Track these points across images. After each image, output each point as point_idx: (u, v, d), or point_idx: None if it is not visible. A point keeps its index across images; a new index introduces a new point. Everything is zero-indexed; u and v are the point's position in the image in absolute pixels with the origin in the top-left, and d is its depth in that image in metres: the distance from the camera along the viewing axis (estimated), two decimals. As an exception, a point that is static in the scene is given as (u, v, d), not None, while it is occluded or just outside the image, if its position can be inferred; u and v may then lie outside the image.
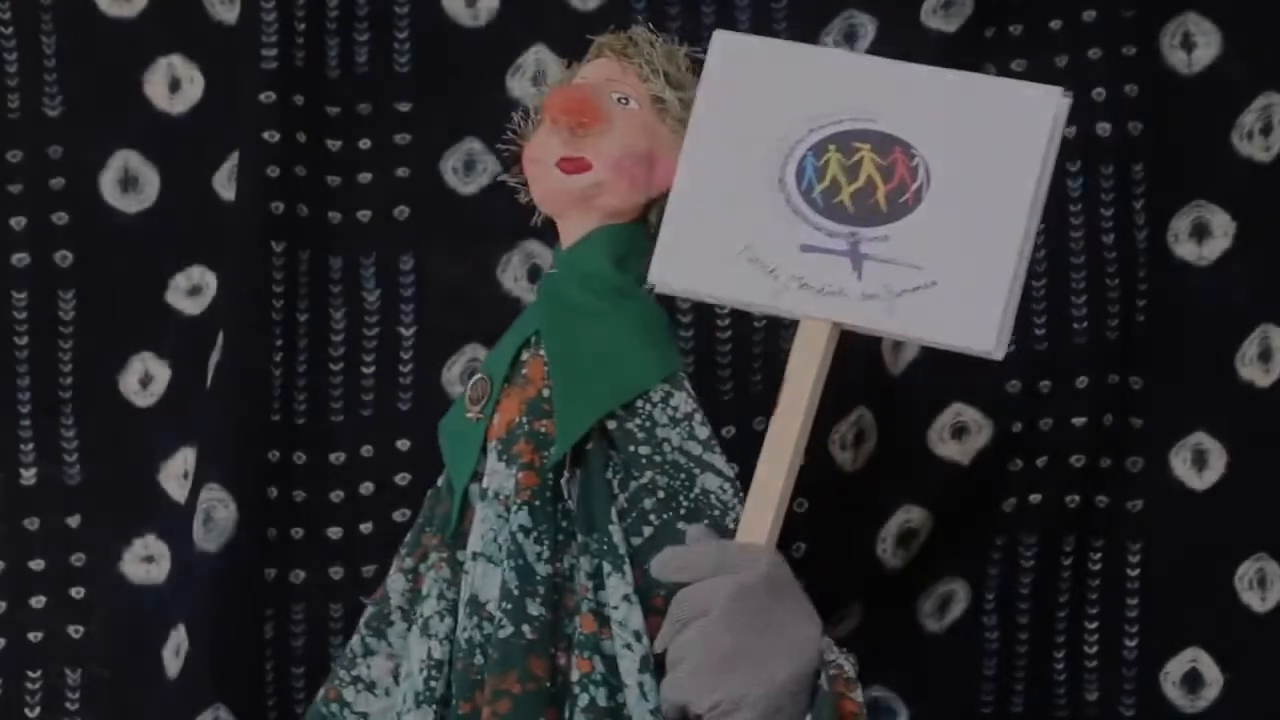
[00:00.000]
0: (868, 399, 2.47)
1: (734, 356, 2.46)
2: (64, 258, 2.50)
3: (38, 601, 2.49)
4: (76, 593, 2.49)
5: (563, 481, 2.02)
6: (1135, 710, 2.51)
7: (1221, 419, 2.52)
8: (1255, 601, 2.51)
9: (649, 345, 2.04)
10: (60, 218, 2.50)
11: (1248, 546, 2.51)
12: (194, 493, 2.40)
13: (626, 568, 1.97)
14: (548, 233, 2.20)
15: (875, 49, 2.44)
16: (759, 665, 1.57)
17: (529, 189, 2.12)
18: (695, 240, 1.68)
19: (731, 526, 1.95)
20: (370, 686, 2.09)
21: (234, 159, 2.47)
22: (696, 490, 1.99)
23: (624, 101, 2.08)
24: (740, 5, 2.47)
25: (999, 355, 1.64)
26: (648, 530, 1.99)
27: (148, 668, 2.45)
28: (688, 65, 2.14)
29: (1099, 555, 2.52)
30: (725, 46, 1.72)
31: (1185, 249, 2.51)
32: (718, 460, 2.02)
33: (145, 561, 2.50)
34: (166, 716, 2.41)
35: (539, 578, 1.98)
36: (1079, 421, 2.50)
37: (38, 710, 2.47)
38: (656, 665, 1.92)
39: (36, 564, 2.49)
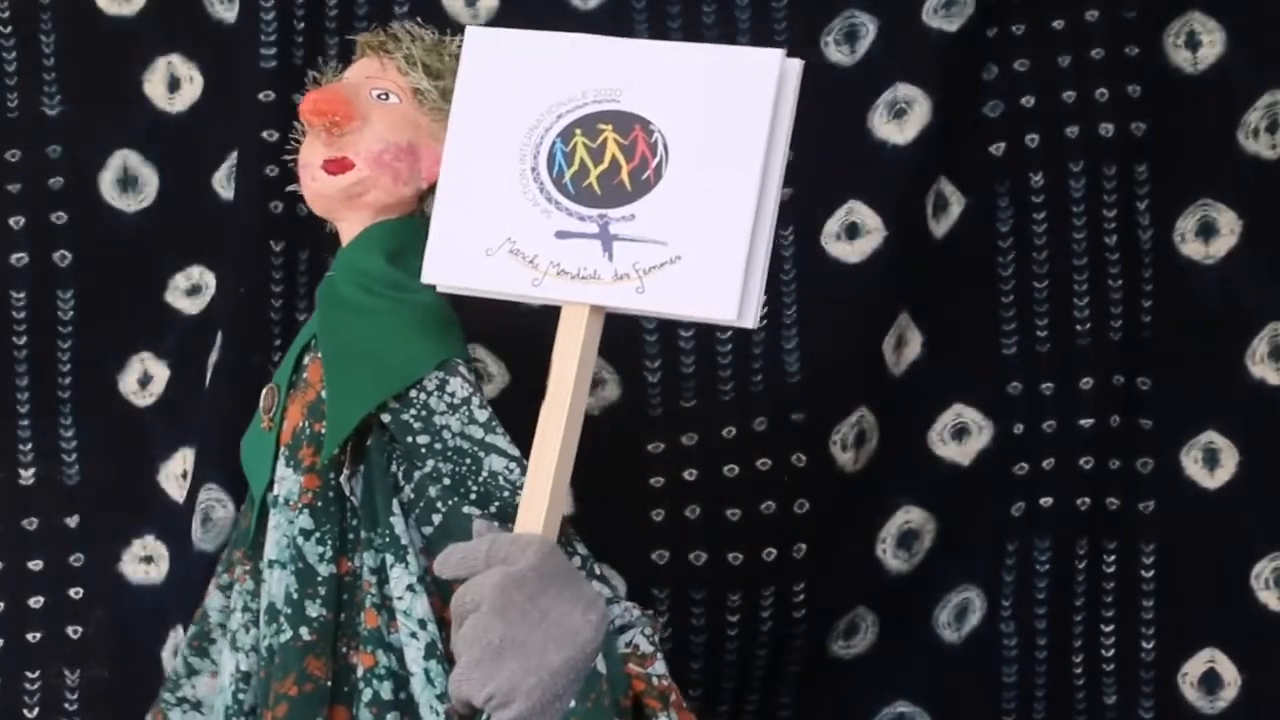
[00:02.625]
0: (869, 400, 2.46)
1: (734, 357, 2.45)
2: (63, 257, 2.50)
3: (36, 602, 2.49)
4: (75, 593, 2.50)
5: (342, 480, 2.01)
6: (1154, 713, 2.51)
7: (1232, 418, 2.52)
8: (1273, 600, 2.50)
9: (420, 336, 2.03)
10: (59, 217, 2.51)
11: (1263, 545, 2.51)
12: (192, 493, 2.40)
13: (410, 558, 1.97)
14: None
15: (876, 49, 2.44)
16: (531, 654, 1.57)
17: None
18: (461, 236, 1.68)
19: None
20: (196, 706, 2.09)
21: (233, 159, 2.47)
22: (484, 474, 1.99)
23: (384, 97, 2.08)
24: (740, 5, 2.46)
25: (748, 323, 1.63)
26: (437, 518, 1.99)
27: (146, 668, 2.46)
28: (458, 55, 2.14)
29: (1113, 558, 2.52)
30: (476, 42, 1.72)
31: (1192, 248, 2.50)
32: (501, 441, 2.01)
33: (144, 562, 2.50)
34: (164, 716, 2.41)
35: (320, 579, 1.99)
36: (1086, 423, 2.49)
37: (36, 711, 2.48)
38: (445, 652, 1.93)
39: (35, 564, 2.50)
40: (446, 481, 1.99)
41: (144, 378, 2.51)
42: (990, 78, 2.48)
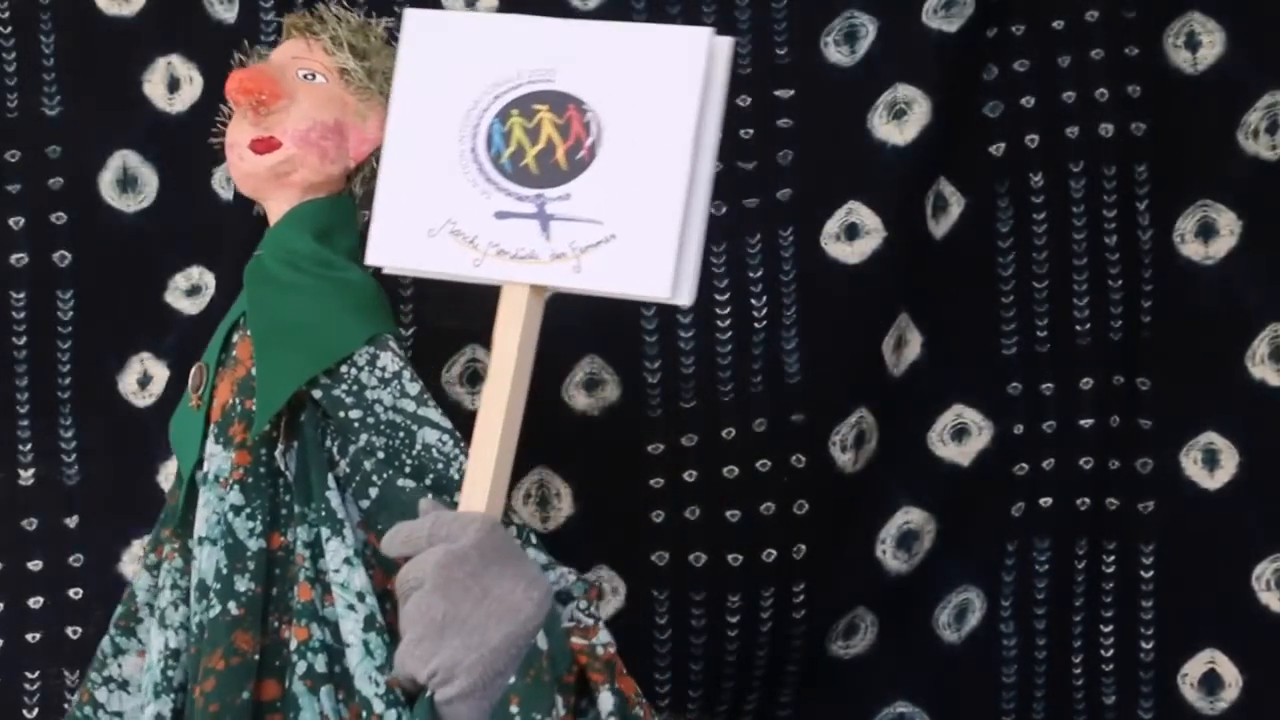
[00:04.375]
0: (868, 400, 2.46)
1: (734, 358, 2.45)
2: (63, 258, 2.50)
3: (36, 602, 2.49)
4: (75, 593, 2.49)
5: (277, 454, 2.02)
6: (1154, 713, 2.51)
7: (1232, 418, 2.51)
8: (1273, 601, 2.50)
9: (349, 311, 2.04)
10: (59, 218, 2.50)
11: (1264, 546, 2.51)
12: (192, 493, 2.40)
13: (346, 531, 1.97)
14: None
15: (876, 49, 2.44)
16: (472, 631, 1.59)
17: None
18: (403, 217, 1.69)
19: (457, 477, 1.97)
20: (123, 685, 2.08)
21: (233, 159, 2.47)
22: (418, 446, 1.99)
23: (310, 77, 2.09)
24: (740, 5, 2.46)
25: (684, 301, 1.64)
26: (374, 492, 1.99)
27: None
28: (384, 37, 2.15)
29: (1112, 558, 2.52)
30: (416, 23, 1.72)
31: (1191, 248, 2.50)
32: (433, 414, 2.01)
33: (144, 562, 2.50)
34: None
35: (250, 553, 1.98)
36: (1086, 423, 2.49)
37: (36, 711, 2.48)
38: (387, 624, 1.93)
39: (35, 564, 2.49)
40: (381, 455, 1.99)
41: (144, 378, 2.51)
42: (990, 78, 2.48)
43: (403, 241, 1.69)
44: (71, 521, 2.50)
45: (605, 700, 1.79)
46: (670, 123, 1.64)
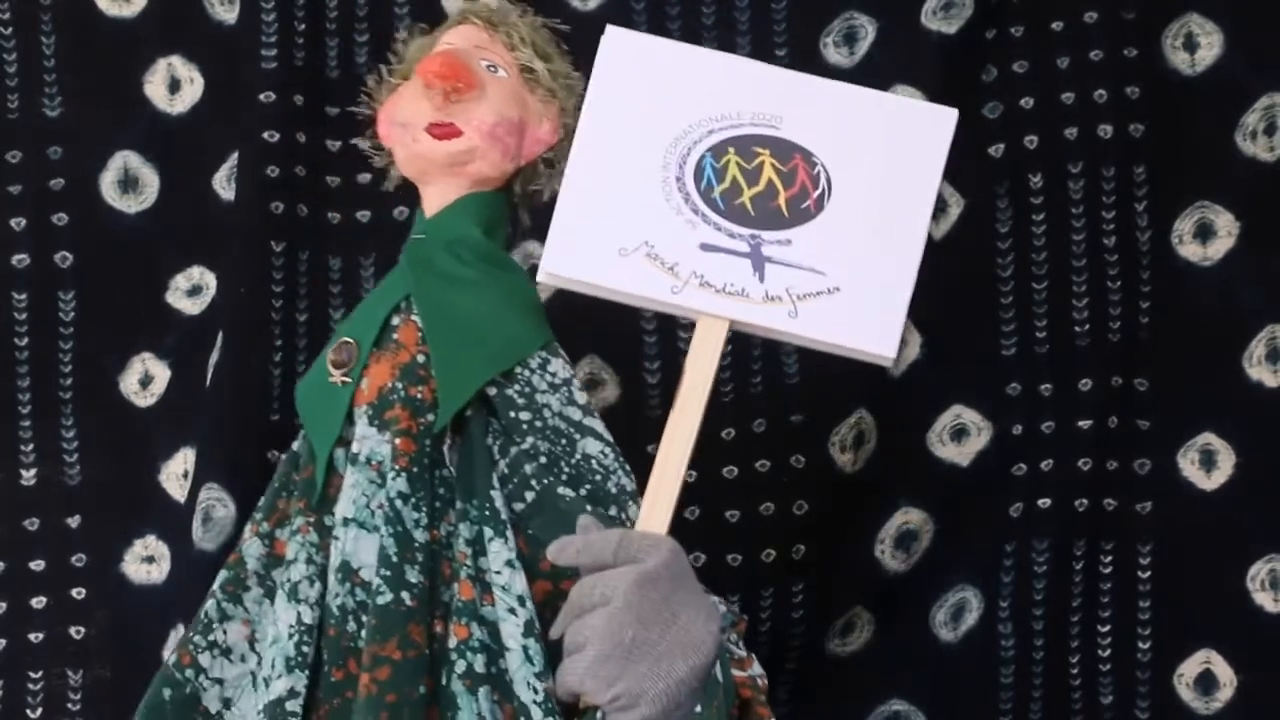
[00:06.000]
0: (868, 401, 2.46)
1: (734, 358, 2.45)
2: (64, 259, 2.51)
3: (39, 602, 2.49)
4: (77, 593, 2.50)
5: (444, 448, 2.01)
6: (1150, 713, 2.51)
7: (1229, 419, 2.52)
8: (1268, 602, 2.50)
9: (524, 312, 2.04)
10: (60, 219, 2.51)
11: (1259, 547, 2.51)
12: (193, 492, 2.40)
13: (509, 533, 1.96)
14: (546, 234, 2.20)
15: (875, 50, 2.45)
16: (659, 659, 1.56)
17: (389, 153, 2.12)
18: (590, 232, 1.69)
19: (614, 491, 1.98)
20: (226, 652, 2.05)
21: (234, 159, 2.47)
22: (578, 455, 1.99)
23: (493, 69, 2.08)
24: (740, 6, 2.46)
25: (891, 361, 1.68)
26: (530, 495, 1.98)
27: (147, 667, 2.44)
28: (550, 38, 2.15)
29: (1109, 559, 2.52)
30: (619, 42, 1.73)
31: (1189, 249, 2.50)
32: (597, 425, 2.02)
33: (145, 562, 2.50)
34: (165, 716, 2.41)
35: (418, 544, 1.97)
36: (1084, 424, 2.49)
37: (40, 711, 2.48)
38: (543, 631, 1.92)
39: (37, 564, 2.50)
40: (543, 460, 1.98)
41: (145, 378, 2.51)
42: (989, 79, 2.48)
43: (588, 256, 1.68)
44: (73, 521, 2.50)
45: None
46: (908, 190, 1.68)
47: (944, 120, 1.71)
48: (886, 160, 1.67)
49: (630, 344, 2.46)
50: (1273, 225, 2.49)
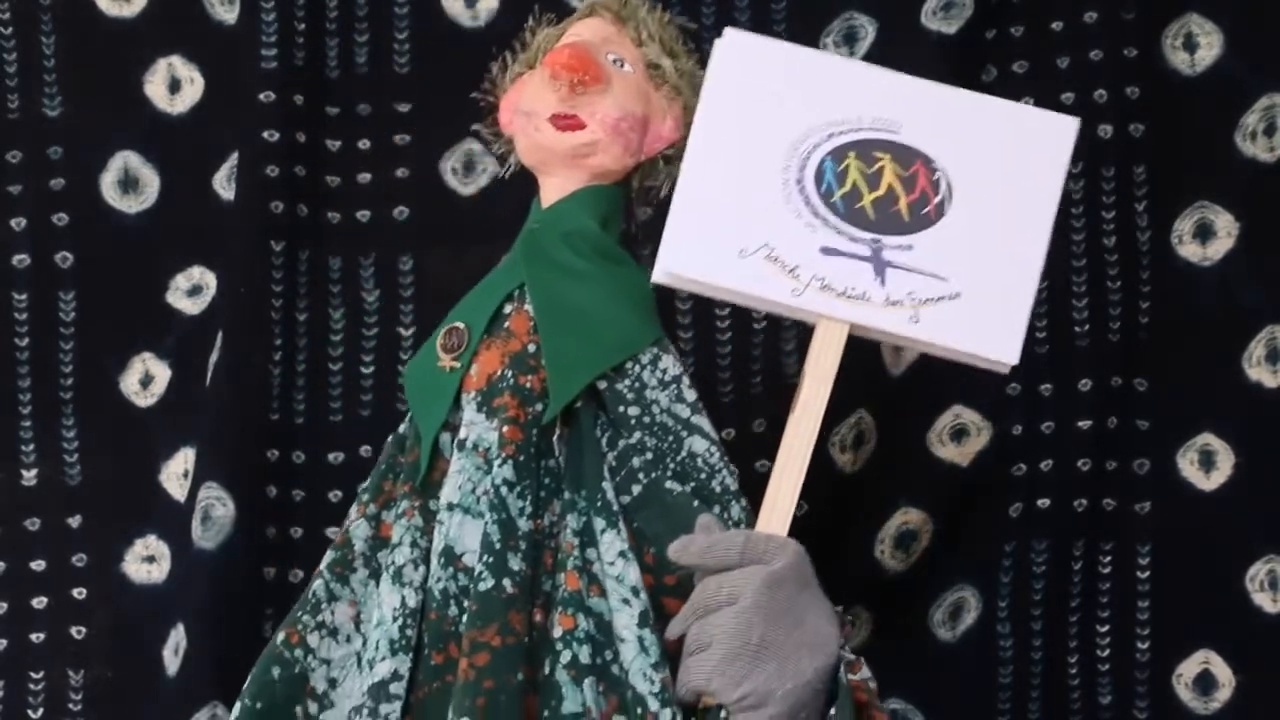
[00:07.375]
0: (868, 401, 2.46)
1: (734, 359, 2.45)
2: (64, 259, 2.51)
3: (39, 602, 2.49)
4: (78, 593, 2.50)
5: (554, 439, 2.00)
6: (1149, 714, 2.50)
7: (1228, 420, 2.51)
8: (1267, 603, 2.50)
9: (637, 307, 2.03)
10: (60, 219, 2.51)
11: (1258, 547, 2.50)
12: (192, 492, 2.40)
13: (621, 524, 1.96)
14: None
15: (875, 50, 2.45)
16: (786, 659, 1.57)
17: (507, 140, 2.12)
18: (709, 232, 1.70)
19: (718, 490, 1.96)
20: (333, 633, 2.05)
21: (234, 159, 2.47)
22: (684, 452, 1.98)
23: (620, 64, 2.08)
24: (740, 6, 2.46)
25: (1015, 362, 1.71)
26: (636, 489, 1.98)
27: (148, 667, 2.46)
28: (677, 35, 2.15)
29: (1109, 559, 2.52)
30: (737, 44, 1.74)
31: (1189, 250, 2.51)
32: (705, 423, 2.01)
33: (146, 562, 2.50)
34: (165, 715, 2.40)
35: (521, 533, 1.96)
36: (1084, 424, 2.49)
37: (41, 712, 2.48)
38: (657, 622, 1.90)
39: (37, 564, 2.50)
40: (649, 455, 1.98)
41: (145, 378, 2.51)
42: (989, 79, 2.48)
43: (707, 256, 1.70)
44: (74, 521, 2.50)
45: None
46: (1030, 198, 1.72)
47: (1065, 128, 1.74)
48: (1007, 167, 1.70)
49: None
50: (1273, 225, 2.49)
